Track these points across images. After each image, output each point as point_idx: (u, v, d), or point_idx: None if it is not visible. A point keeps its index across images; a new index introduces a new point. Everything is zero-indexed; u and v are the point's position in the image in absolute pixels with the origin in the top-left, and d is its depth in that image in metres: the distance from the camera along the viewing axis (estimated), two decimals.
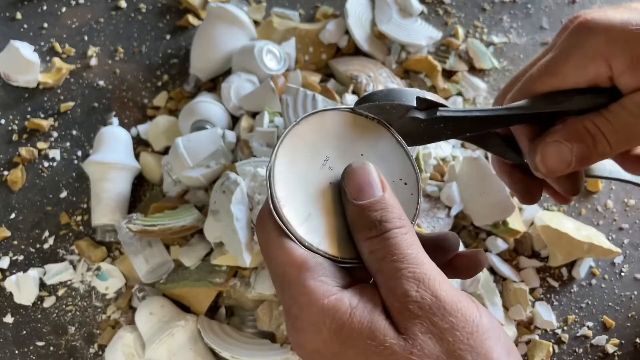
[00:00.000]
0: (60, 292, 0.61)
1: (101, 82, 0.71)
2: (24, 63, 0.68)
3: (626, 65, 0.30)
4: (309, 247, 0.28)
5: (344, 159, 0.31)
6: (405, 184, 0.32)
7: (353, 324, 0.25)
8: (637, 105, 0.30)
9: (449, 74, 0.69)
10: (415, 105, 0.32)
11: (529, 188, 0.39)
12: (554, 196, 0.40)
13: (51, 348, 0.59)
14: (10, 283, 0.60)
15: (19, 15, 0.74)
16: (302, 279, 0.26)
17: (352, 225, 0.29)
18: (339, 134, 0.31)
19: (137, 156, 0.66)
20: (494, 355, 0.25)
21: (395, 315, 0.26)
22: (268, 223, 0.29)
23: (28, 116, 0.69)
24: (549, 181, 0.37)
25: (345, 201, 0.29)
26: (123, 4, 0.75)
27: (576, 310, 0.59)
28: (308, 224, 0.29)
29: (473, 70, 0.70)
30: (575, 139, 0.32)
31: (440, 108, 0.33)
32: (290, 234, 0.28)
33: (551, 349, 0.56)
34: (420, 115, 0.32)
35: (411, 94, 0.32)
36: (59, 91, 0.70)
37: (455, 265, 0.32)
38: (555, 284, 0.59)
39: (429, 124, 0.33)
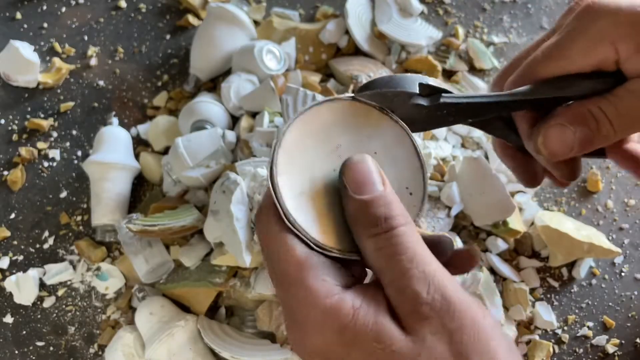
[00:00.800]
0: (60, 292, 0.61)
1: (101, 82, 0.71)
2: (23, 63, 0.68)
3: (633, 49, 0.29)
4: (311, 241, 0.28)
5: (354, 152, 0.29)
6: (411, 194, 0.31)
7: (357, 325, 0.24)
8: None
9: (449, 74, 0.69)
10: (418, 92, 0.31)
11: (532, 171, 0.38)
12: (551, 178, 0.40)
13: (51, 348, 0.59)
14: (10, 283, 0.60)
15: (18, 15, 0.74)
16: (303, 277, 0.26)
17: (352, 221, 0.28)
18: (351, 125, 0.30)
19: (137, 156, 0.66)
20: (499, 356, 0.24)
21: (404, 316, 0.25)
22: (269, 218, 0.28)
23: (28, 116, 0.69)
24: (547, 166, 0.37)
25: (344, 195, 0.28)
26: (123, 4, 0.75)
27: (576, 311, 0.59)
28: (308, 216, 0.28)
29: (473, 70, 0.70)
30: (579, 122, 0.31)
31: (444, 94, 0.32)
32: (292, 227, 0.28)
33: (551, 349, 0.56)
34: (423, 102, 0.32)
35: (413, 80, 0.31)
36: (58, 91, 0.70)
37: (451, 263, 0.32)
38: (556, 284, 0.59)
39: (432, 111, 0.32)
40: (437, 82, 0.32)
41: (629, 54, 0.30)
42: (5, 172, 0.66)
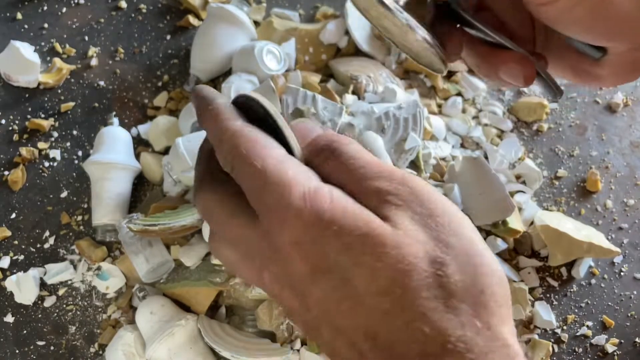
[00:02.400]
0: (61, 292, 0.61)
1: (101, 82, 0.71)
2: (24, 63, 0.68)
3: None
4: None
5: None
6: None
7: (335, 209, 0.23)
8: None
9: (448, 74, 0.70)
10: None
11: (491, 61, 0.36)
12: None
13: (51, 348, 0.59)
14: (10, 283, 0.60)
15: (19, 16, 0.74)
16: (284, 168, 0.25)
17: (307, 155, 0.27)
18: None
19: (137, 156, 0.66)
20: (475, 239, 0.24)
21: (375, 211, 0.24)
22: (252, 130, 0.27)
23: (28, 116, 0.69)
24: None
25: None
26: (123, 5, 0.75)
27: (576, 310, 0.59)
28: None
29: (473, 71, 0.70)
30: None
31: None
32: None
33: (551, 349, 0.56)
34: None
35: None
36: (59, 91, 0.71)
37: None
38: (555, 284, 0.60)
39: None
40: None
41: None
42: (6, 172, 0.66)
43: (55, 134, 0.68)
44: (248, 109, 0.28)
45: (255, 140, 0.26)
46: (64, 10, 0.75)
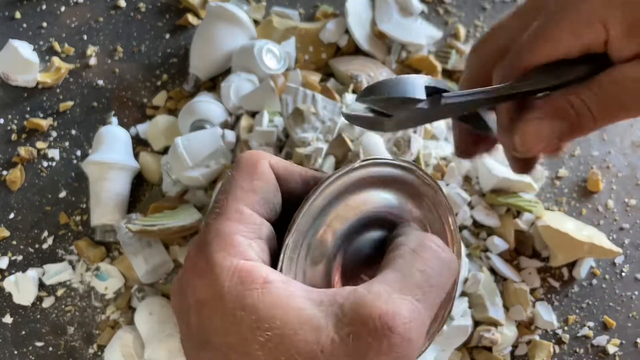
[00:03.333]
0: (60, 293, 0.61)
1: (100, 82, 0.70)
2: (23, 62, 0.68)
3: (623, 31, 0.28)
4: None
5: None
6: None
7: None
8: (628, 77, 0.28)
9: (449, 74, 0.69)
10: (425, 97, 0.30)
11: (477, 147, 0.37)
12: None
13: (50, 348, 0.59)
14: (9, 283, 0.60)
15: (18, 15, 0.74)
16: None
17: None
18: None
19: (136, 156, 0.66)
20: None
21: None
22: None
23: (27, 116, 0.69)
24: (507, 155, 0.35)
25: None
26: (122, 3, 0.75)
27: (577, 311, 0.59)
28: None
29: None
30: (559, 116, 0.30)
31: (444, 95, 0.31)
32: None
33: (552, 349, 0.56)
34: (425, 105, 0.31)
35: (419, 84, 0.30)
36: (58, 91, 0.70)
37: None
38: (556, 284, 0.59)
39: (431, 110, 0.31)
40: (440, 82, 0.31)
41: (618, 36, 0.28)
42: (5, 172, 0.66)
43: (54, 134, 0.68)
44: None
45: None
46: (63, 9, 0.74)
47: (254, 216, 0.25)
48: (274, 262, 0.25)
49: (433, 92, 0.31)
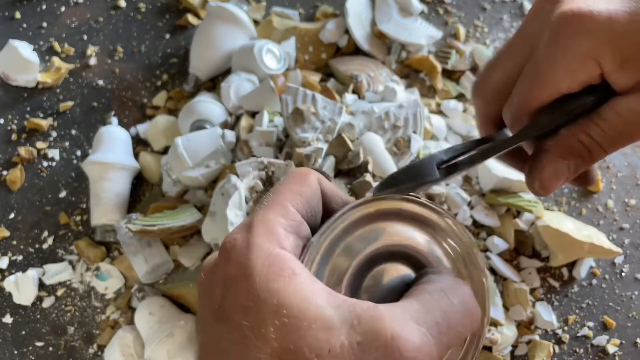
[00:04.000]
0: (60, 292, 0.61)
1: (100, 82, 0.70)
2: (23, 62, 0.68)
3: (616, 66, 0.28)
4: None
5: None
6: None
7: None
8: (629, 110, 0.29)
9: (449, 74, 0.69)
10: (439, 176, 0.30)
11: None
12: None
13: (50, 348, 0.59)
14: (9, 283, 0.60)
15: (18, 15, 0.74)
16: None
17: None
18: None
19: (136, 156, 0.66)
20: None
21: None
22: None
23: (27, 116, 0.69)
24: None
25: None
26: (122, 4, 0.75)
27: (577, 311, 0.59)
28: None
29: (475, 71, 0.69)
30: (572, 155, 0.31)
31: (459, 163, 0.31)
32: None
33: (552, 349, 0.56)
34: (441, 176, 0.31)
35: (431, 164, 0.30)
36: (58, 91, 0.70)
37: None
38: (556, 284, 0.59)
39: (448, 176, 0.32)
40: (450, 150, 0.31)
41: (613, 69, 0.29)
42: (5, 172, 0.66)
43: (54, 134, 0.68)
44: None
45: None
46: (63, 9, 0.74)
47: (296, 214, 0.27)
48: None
49: (446, 162, 0.31)
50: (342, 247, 0.27)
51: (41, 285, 0.61)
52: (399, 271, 0.28)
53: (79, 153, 0.67)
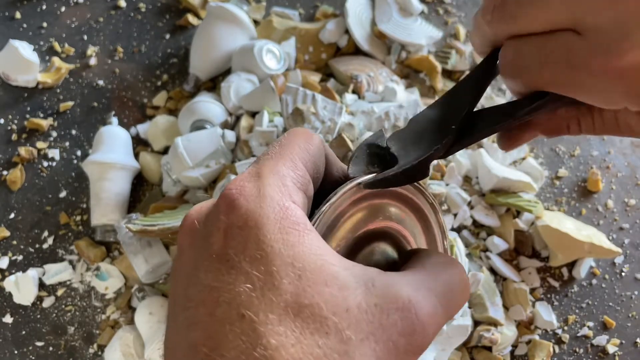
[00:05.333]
0: (60, 292, 0.61)
1: (100, 82, 0.71)
2: (23, 63, 0.68)
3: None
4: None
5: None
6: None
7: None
8: (627, 123, 0.29)
9: (449, 74, 0.69)
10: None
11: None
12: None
13: (50, 348, 0.59)
14: (9, 283, 0.60)
15: (18, 15, 0.74)
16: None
17: None
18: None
19: (136, 156, 0.66)
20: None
21: None
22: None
23: (27, 116, 0.69)
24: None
25: None
26: (122, 4, 0.75)
27: (576, 310, 0.59)
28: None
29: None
30: (554, 133, 0.31)
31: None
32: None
33: (551, 349, 0.56)
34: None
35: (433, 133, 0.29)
36: (58, 91, 0.70)
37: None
38: (556, 284, 0.59)
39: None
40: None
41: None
42: (5, 172, 0.66)
43: (54, 134, 0.68)
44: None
45: None
46: (63, 9, 0.75)
47: (304, 171, 0.25)
48: None
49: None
50: (343, 222, 0.27)
51: (41, 285, 0.61)
52: (385, 251, 0.28)
53: (79, 153, 0.67)
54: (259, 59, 0.64)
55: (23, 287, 0.60)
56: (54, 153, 0.67)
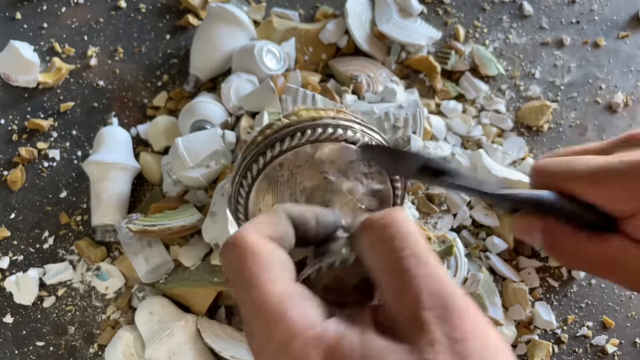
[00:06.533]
0: (60, 292, 0.61)
1: (101, 82, 0.71)
2: (23, 63, 0.68)
3: None
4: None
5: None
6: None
7: (344, 349, 0.22)
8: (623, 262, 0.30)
9: (449, 74, 0.69)
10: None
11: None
12: None
13: (51, 348, 0.59)
14: (10, 283, 0.60)
15: (18, 15, 0.74)
16: (284, 310, 0.24)
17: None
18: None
19: (136, 156, 0.66)
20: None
21: (401, 325, 0.23)
22: (254, 248, 0.26)
23: (28, 116, 0.69)
24: None
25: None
26: (123, 4, 0.75)
27: (576, 310, 0.59)
28: None
29: (474, 72, 0.69)
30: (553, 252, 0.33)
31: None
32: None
33: (551, 349, 0.56)
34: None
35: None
36: (58, 91, 0.70)
37: None
38: (555, 284, 0.59)
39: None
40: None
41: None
42: (5, 172, 0.66)
43: (55, 134, 0.68)
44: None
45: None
46: (63, 9, 0.75)
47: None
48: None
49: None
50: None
51: (42, 285, 0.61)
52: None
53: (79, 153, 0.67)
54: (259, 59, 0.64)
55: (23, 287, 0.60)
56: (55, 153, 0.67)
